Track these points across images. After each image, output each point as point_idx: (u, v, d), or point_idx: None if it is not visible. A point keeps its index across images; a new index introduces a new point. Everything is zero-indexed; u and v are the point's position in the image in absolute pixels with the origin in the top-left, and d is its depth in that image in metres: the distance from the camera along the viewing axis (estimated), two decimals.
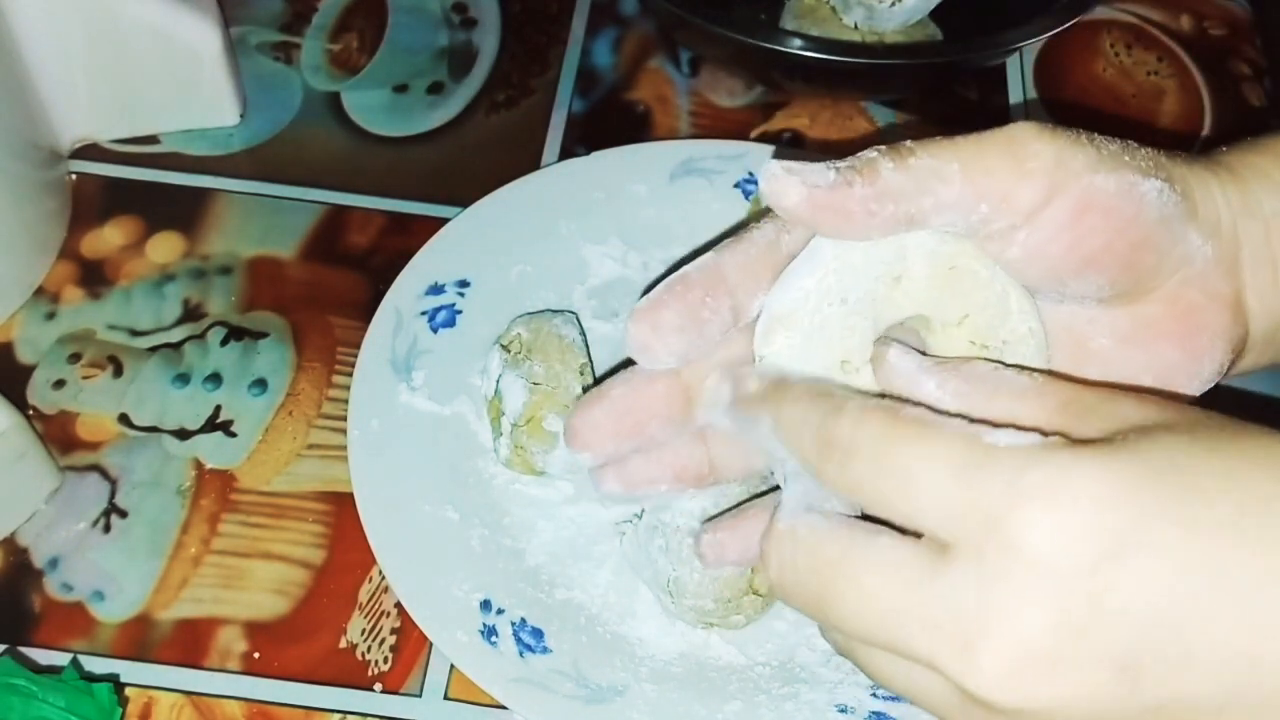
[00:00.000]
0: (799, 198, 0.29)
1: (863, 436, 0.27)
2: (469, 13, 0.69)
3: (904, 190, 0.29)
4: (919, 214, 0.30)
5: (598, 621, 0.48)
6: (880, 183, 0.29)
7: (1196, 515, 0.25)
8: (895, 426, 0.27)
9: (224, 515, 0.51)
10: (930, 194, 0.30)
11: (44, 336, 0.55)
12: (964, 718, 0.27)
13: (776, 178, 0.30)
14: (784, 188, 0.30)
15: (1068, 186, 0.30)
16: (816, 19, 0.65)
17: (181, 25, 0.59)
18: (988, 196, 0.30)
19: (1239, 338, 0.34)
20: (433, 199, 0.61)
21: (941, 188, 0.30)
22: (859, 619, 0.27)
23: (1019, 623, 0.25)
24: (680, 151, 0.59)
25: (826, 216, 0.30)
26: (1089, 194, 0.30)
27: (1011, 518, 0.25)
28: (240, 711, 0.46)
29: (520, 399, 0.49)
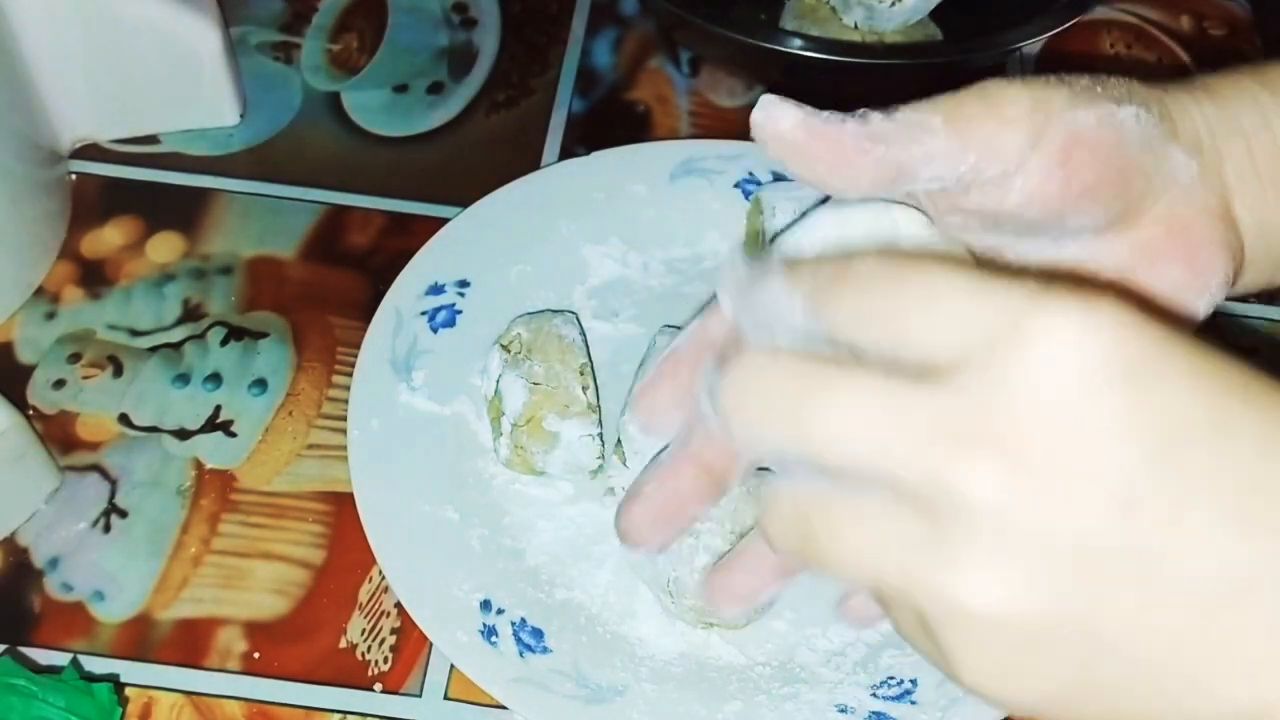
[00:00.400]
0: (793, 121, 0.30)
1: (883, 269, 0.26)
2: (469, 13, 0.69)
3: (893, 134, 0.30)
4: (909, 162, 0.30)
5: (598, 621, 0.48)
6: (870, 125, 0.30)
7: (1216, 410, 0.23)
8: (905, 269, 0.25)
9: (224, 515, 0.51)
10: (918, 142, 0.30)
11: (44, 336, 0.55)
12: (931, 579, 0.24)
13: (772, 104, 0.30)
14: (779, 113, 0.30)
15: (1050, 127, 0.31)
16: (816, 19, 0.65)
17: (181, 25, 0.59)
18: (974, 146, 0.31)
19: (1236, 247, 0.34)
20: (433, 199, 0.61)
21: (928, 138, 0.30)
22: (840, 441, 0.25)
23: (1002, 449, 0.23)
24: (680, 151, 0.59)
25: (820, 154, 0.30)
26: (1072, 131, 0.31)
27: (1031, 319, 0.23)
28: (240, 711, 0.46)
29: (520, 399, 0.49)
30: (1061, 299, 0.23)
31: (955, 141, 0.31)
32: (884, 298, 0.25)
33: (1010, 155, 0.31)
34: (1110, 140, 0.31)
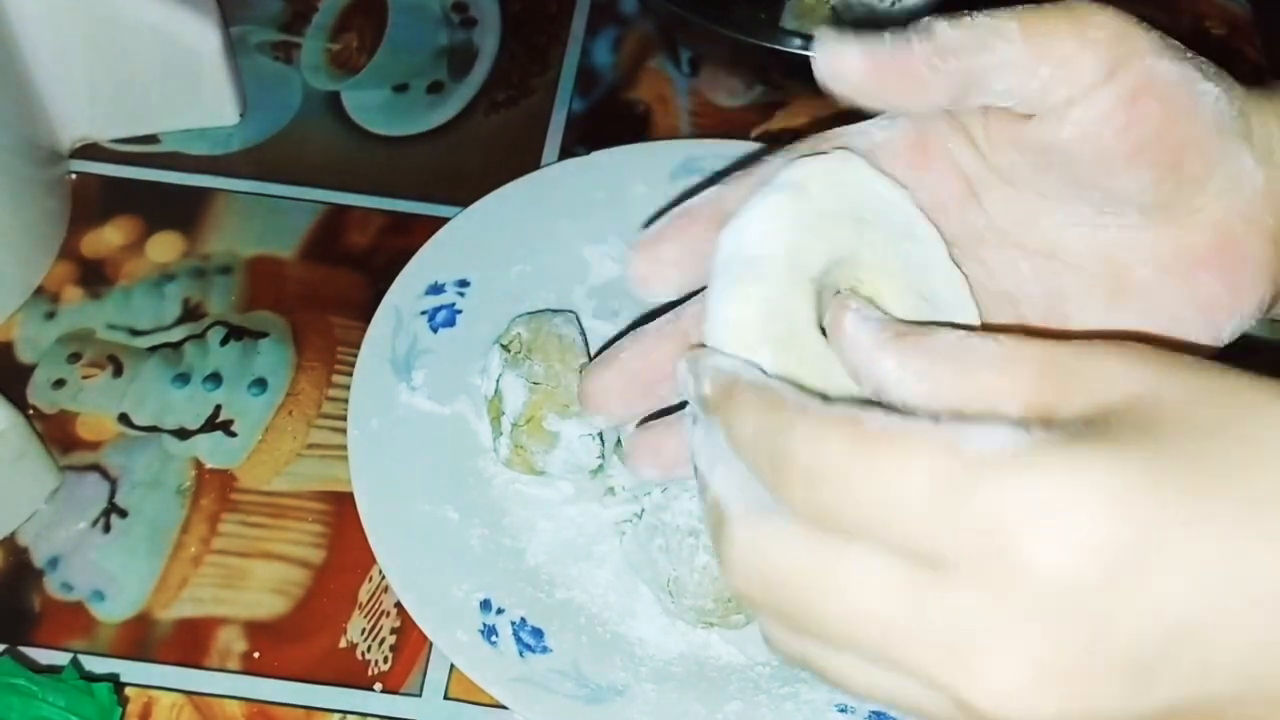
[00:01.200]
0: (860, 63, 0.28)
1: (825, 458, 0.25)
2: (469, 12, 0.69)
3: (964, 44, 0.28)
4: (980, 71, 0.29)
5: (598, 621, 0.48)
6: (939, 38, 0.28)
7: (1206, 512, 0.23)
8: (861, 445, 0.25)
9: (224, 515, 0.51)
10: (990, 49, 0.29)
11: (44, 336, 0.55)
12: None
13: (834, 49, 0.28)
14: (843, 57, 0.28)
15: (1129, 63, 0.29)
16: (817, 18, 0.65)
17: (181, 25, 0.59)
18: (1048, 58, 0.29)
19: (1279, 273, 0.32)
20: (433, 199, 0.61)
21: (1001, 44, 0.29)
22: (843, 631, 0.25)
23: (1026, 642, 0.23)
24: (680, 151, 0.59)
25: (891, 81, 0.28)
26: (1149, 75, 0.29)
27: (1010, 538, 0.23)
28: (240, 711, 0.46)
29: (520, 399, 0.49)
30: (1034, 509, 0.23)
31: (1030, 51, 0.29)
32: (838, 504, 0.25)
33: (1082, 78, 0.29)
34: (1183, 103, 0.30)
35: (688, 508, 0.46)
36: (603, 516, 0.50)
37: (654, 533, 0.46)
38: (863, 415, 0.25)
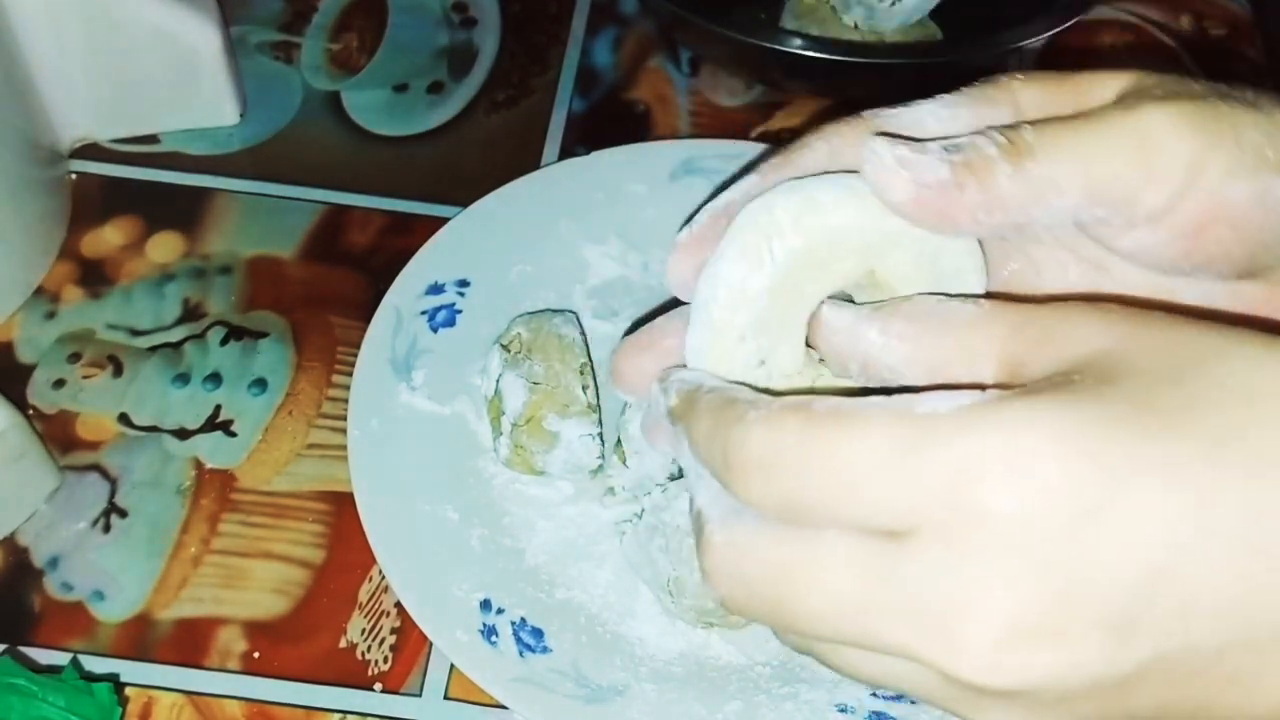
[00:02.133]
0: (906, 197, 0.27)
1: (777, 446, 0.25)
2: (469, 12, 0.69)
3: (1017, 200, 0.27)
4: (1028, 224, 0.28)
5: (598, 621, 0.48)
6: (994, 190, 0.27)
7: (1170, 456, 0.23)
8: (812, 426, 0.24)
9: (224, 515, 0.51)
10: (1044, 205, 0.27)
11: (44, 336, 0.55)
12: (949, 700, 0.25)
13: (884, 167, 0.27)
14: (891, 180, 0.27)
15: (1196, 193, 0.27)
16: (816, 18, 0.65)
17: (181, 25, 0.59)
18: (1107, 202, 0.28)
19: None
20: (433, 199, 0.61)
21: (1058, 198, 0.27)
22: (824, 620, 0.25)
23: (999, 600, 0.23)
24: (680, 151, 0.59)
25: (931, 217, 0.28)
26: (1219, 203, 0.28)
27: (970, 490, 0.23)
28: (240, 711, 0.46)
29: (520, 399, 0.49)
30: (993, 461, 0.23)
31: (1088, 198, 0.27)
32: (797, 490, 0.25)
33: (1144, 214, 0.28)
34: (1256, 220, 0.28)
35: (687, 508, 0.45)
36: (603, 516, 0.50)
37: (654, 533, 0.46)
38: (812, 400, 0.25)
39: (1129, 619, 0.23)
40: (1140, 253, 0.29)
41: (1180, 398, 0.24)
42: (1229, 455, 0.23)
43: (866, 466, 0.24)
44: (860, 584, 0.24)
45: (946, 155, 0.27)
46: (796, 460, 0.25)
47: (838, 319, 0.29)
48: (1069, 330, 0.25)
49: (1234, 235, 0.28)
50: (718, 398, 0.27)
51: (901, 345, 0.27)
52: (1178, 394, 0.24)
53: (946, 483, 0.23)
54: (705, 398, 0.28)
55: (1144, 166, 0.27)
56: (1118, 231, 0.29)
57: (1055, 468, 0.23)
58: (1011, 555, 0.23)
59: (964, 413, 0.24)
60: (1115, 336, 0.25)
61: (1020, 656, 0.23)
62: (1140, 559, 0.23)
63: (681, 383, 0.29)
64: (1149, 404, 0.23)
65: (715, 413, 0.27)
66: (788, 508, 0.25)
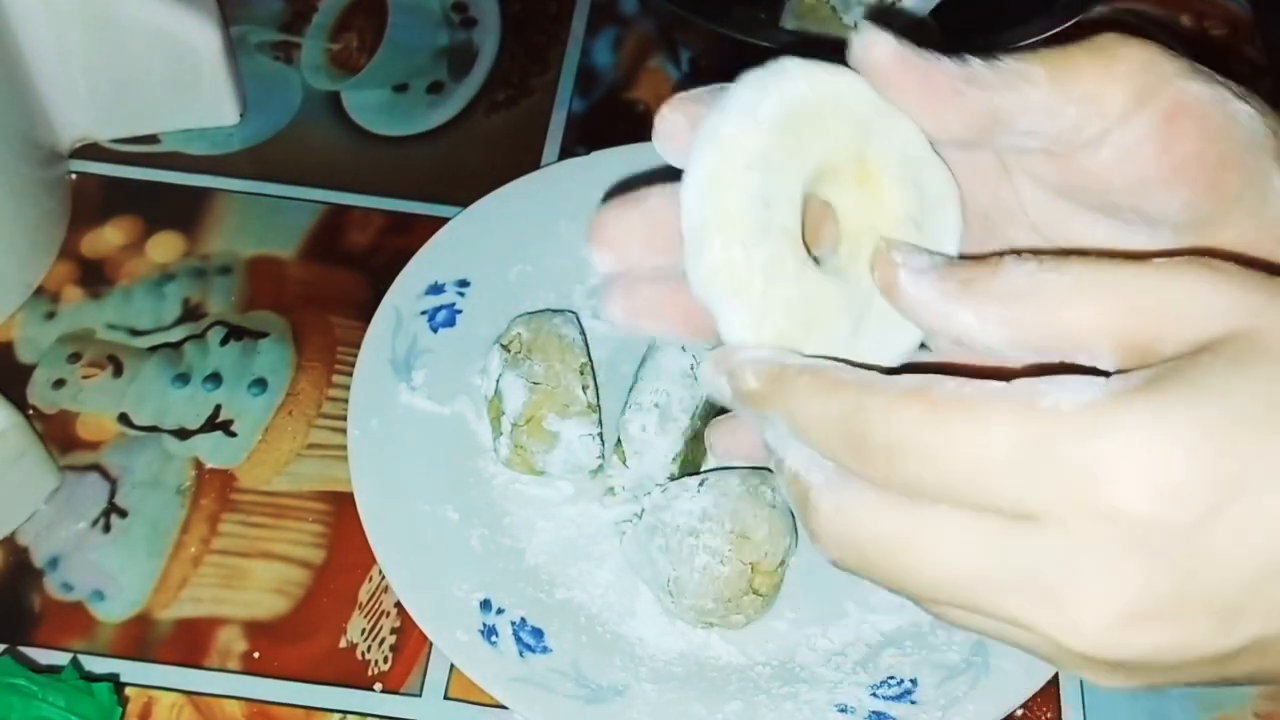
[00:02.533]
0: (889, 52, 0.28)
1: (903, 435, 0.25)
2: (469, 12, 0.69)
3: (991, 80, 0.29)
4: (1005, 110, 0.29)
5: (598, 621, 0.48)
6: (969, 67, 0.29)
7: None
8: (937, 414, 0.25)
9: (224, 515, 0.51)
10: (1015, 90, 0.29)
11: (44, 336, 0.55)
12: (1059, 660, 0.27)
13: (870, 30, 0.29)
14: (875, 40, 0.28)
15: (1159, 90, 0.29)
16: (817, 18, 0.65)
17: (181, 25, 0.59)
18: (1075, 98, 0.29)
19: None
20: (433, 199, 0.61)
21: (1027, 86, 0.29)
22: (939, 587, 0.26)
23: (1118, 584, 0.24)
24: None
25: (911, 80, 0.29)
26: (1181, 97, 0.29)
27: (1099, 492, 0.24)
28: (240, 711, 0.46)
29: (520, 398, 0.49)
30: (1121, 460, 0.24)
31: (1057, 92, 0.29)
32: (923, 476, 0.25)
33: (1113, 111, 0.29)
34: (1218, 122, 0.29)
35: (688, 508, 0.46)
36: (603, 516, 0.50)
37: (654, 533, 0.46)
38: (931, 385, 0.26)
39: (1237, 607, 0.24)
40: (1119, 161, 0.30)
41: None
42: None
43: (992, 461, 0.25)
44: (978, 557, 0.25)
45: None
46: (921, 450, 0.25)
47: (919, 292, 0.28)
48: (1192, 305, 0.25)
49: (1201, 131, 0.29)
50: (819, 380, 0.27)
51: (1001, 330, 0.27)
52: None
53: (1072, 481, 0.24)
54: (801, 379, 0.27)
55: (1102, 65, 0.29)
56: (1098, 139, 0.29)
57: (1183, 474, 0.24)
58: (1133, 547, 0.24)
59: (1089, 411, 0.24)
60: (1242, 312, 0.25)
61: (1131, 635, 0.24)
62: (1254, 557, 0.24)
63: (758, 363, 0.28)
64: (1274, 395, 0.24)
65: (823, 398, 0.27)
66: (913, 490, 0.26)
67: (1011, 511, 0.25)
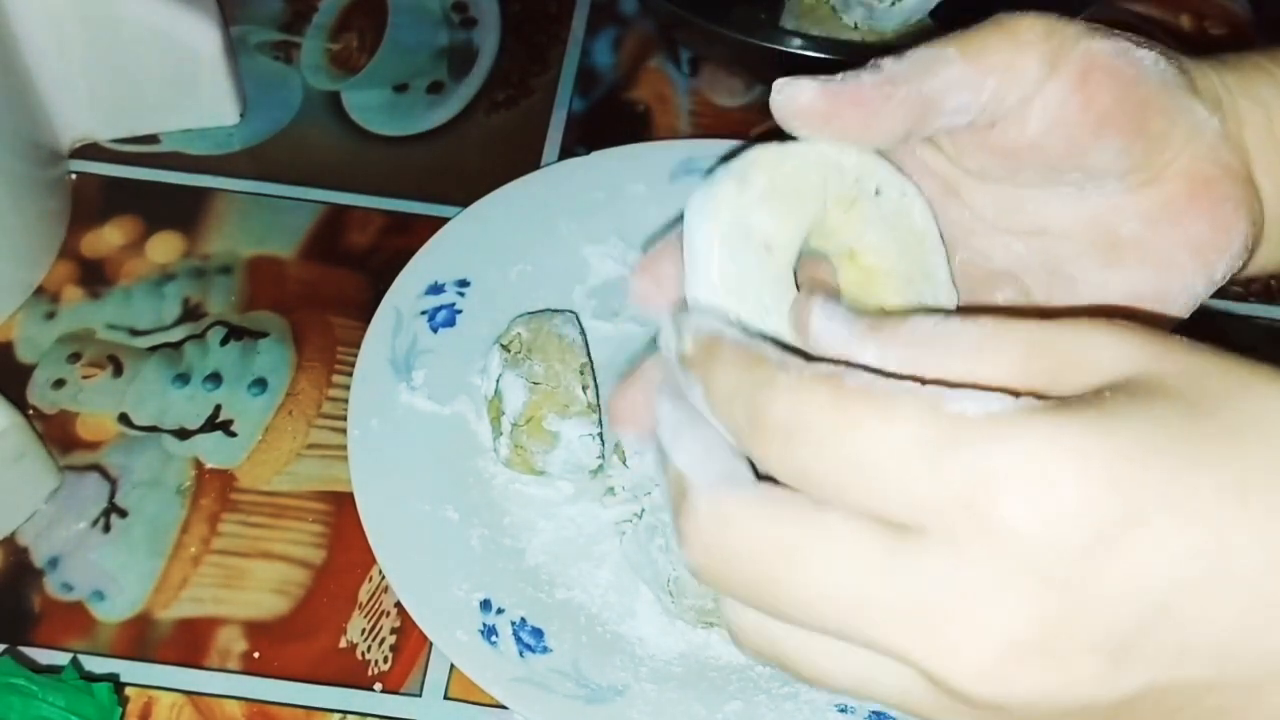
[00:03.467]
0: (813, 93, 0.29)
1: (804, 415, 0.24)
2: (469, 12, 0.69)
3: (909, 73, 0.30)
4: (931, 94, 0.30)
5: (598, 621, 0.48)
6: (886, 71, 0.30)
7: (1194, 491, 0.23)
8: (840, 401, 0.24)
9: (224, 515, 0.51)
10: (934, 74, 0.30)
11: (44, 336, 0.55)
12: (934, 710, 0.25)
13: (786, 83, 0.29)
14: (795, 90, 0.29)
15: (1067, 52, 0.31)
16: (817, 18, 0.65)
17: (181, 25, 0.59)
18: (991, 70, 0.31)
19: (1258, 212, 0.33)
20: (433, 199, 0.61)
21: (944, 68, 0.30)
22: (811, 606, 0.24)
23: (1002, 612, 0.23)
24: (680, 151, 0.59)
25: (846, 110, 0.29)
26: (1089, 55, 0.31)
27: (990, 500, 0.23)
28: (240, 711, 0.46)
29: (520, 399, 0.49)
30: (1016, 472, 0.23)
31: (972, 68, 0.31)
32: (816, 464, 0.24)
33: (1029, 78, 0.31)
34: (1128, 71, 0.32)
35: None
36: (603, 516, 0.50)
37: (654, 533, 0.46)
38: (844, 373, 0.25)
39: (1127, 647, 0.23)
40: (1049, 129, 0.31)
41: (1210, 430, 0.23)
42: (1253, 496, 0.23)
43: (887, 454, 0.24)
44: (858, 574, 0.24)
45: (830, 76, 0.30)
46: (819, 434, 0.24)
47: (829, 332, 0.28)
48: (1088, 354, 0.25)
49: (1115, 83, 0.31)
50: (743, 352, 0.26)
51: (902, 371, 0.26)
52: (1208, 426, 0.23)
53: (965, 488, 0.23)
54: (728, 349, 0.27)
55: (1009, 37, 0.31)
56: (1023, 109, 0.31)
57: (1076, 491, 0.22)
58: (1020, 571, 0.23)
59: (993, 420, 0.23)
60: (1140, 360, 0.25)
61: (1014, 670, 0.23)
62: (1147, 591, 0.23)
63: (698, 329, 0.28)
64: (1179, 435, 0.23)
65: (741, 370, 0.26)
66: (802, 478, 0.25)
67: (900, 519, 0.24)
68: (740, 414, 0.26)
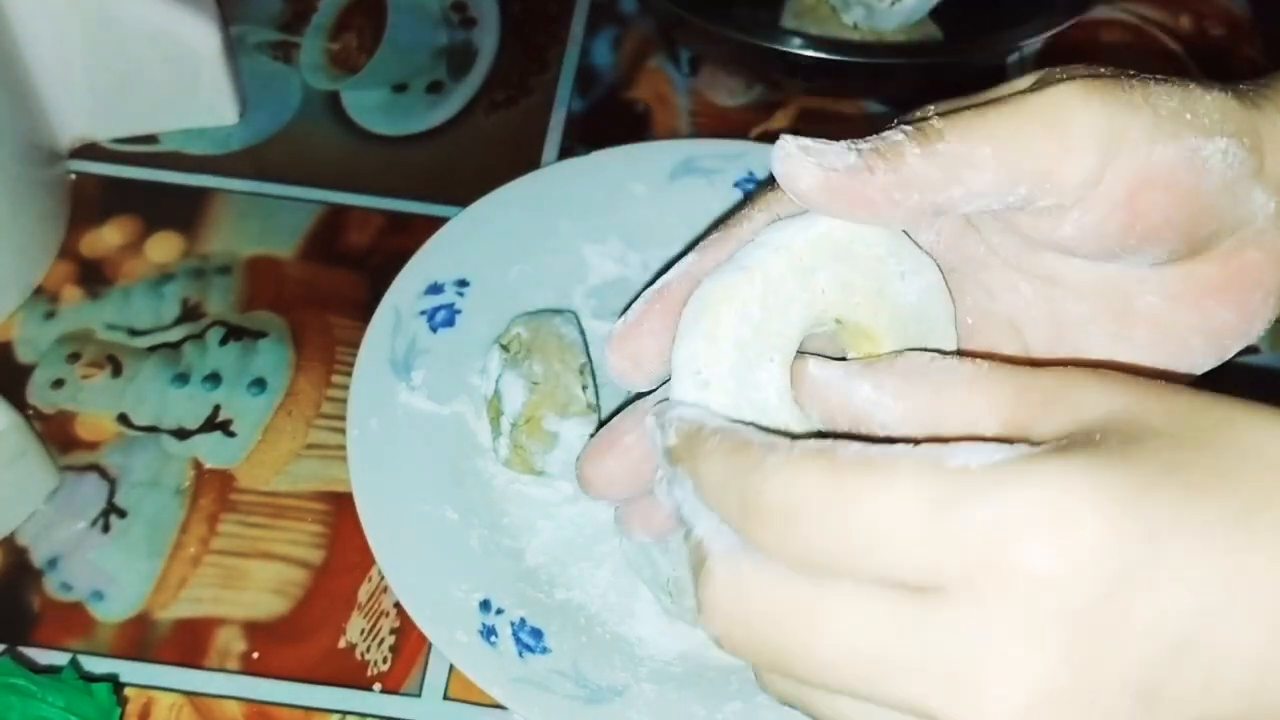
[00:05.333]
0: (815, 182, 0.27)
1: (801, 495, 0.24)
2: (468, 12, 0.69)
3: (930, 179, 0.27)
4: (947, 202, 0.27)
5: (597, 621, 0.48)
6: (905, 169, 0.27)
7: (1204, 520, 0.23)
8: (838, 475, 0.24)
9: (223, 515, 0.51)
10: (960, 183, 0.27)
11: (43, 336, 0.55)
12: None
13: (790, 157, 0.27)
14: (798, 169, 0.27)
15: (1121, 160, 0.27)
16: (816, 18, 0.65)
17: (181, 25, 0.59)
18: (1027, 177, 0.27)
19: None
20: (432, 199, 0.61)
21: (972, 175, 0.27)
22: (833, 669, 0.24)
23: (1028, 664, 0.22)
24: (680, 151, 0.59)
25: (844, 204, 0.27)
26: (1146, 168, 0.27)
27: (1008, 552, 0.22)
28: (239, 711, 0.46)
29: (520, 399, 0.49)
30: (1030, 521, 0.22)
31: (1005, 174, 0.27)
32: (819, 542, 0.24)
33: (1069, 189, 0.27)
34: (1188, 183, 0.28)
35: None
36: (602, 516, 0.50)
37: None
38: (835, 446, 0.24)
39: (1156, 686, 0.23)
40: (1082, 238, 0.29)
41: (1208, 462, 0.23)
42: (1259, 522, 0.23)
43: (895, 521, 0.23)
44: (878, 635, 0.23)
45: (853, 145, 0.27)
46: (819, 512, 0.24)
47: (826, 374, 0.28)
48: (1075, 394, 0.25)
49: (1169, 199, 0.28)
50: (728, 440, 0.26)
51: (896, 404, 0.26)
52: (1204, 458, 0.23)
53: (980, 542, 0.22)
54: (712, 439, 0.26)
55: (1058, 138, 0.27)
56: (1056, 213, 0.28)
57: (1095, 532, 0.22)
58: (1044, 618, 0.22)
59: (998, 470, 0.23)
60: (1125, 401, 0.24)
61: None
62: (1172, 627, 0.22)
63: (681, 421, 0.27)
64: (1179, 467, 0.23)
65: (728, 457, 0.25)
66: (808, 559, 0.24)
67: (915, 583, 0.23)
68: (734, 504, 0.25)
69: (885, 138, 0.27)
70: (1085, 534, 0.22)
